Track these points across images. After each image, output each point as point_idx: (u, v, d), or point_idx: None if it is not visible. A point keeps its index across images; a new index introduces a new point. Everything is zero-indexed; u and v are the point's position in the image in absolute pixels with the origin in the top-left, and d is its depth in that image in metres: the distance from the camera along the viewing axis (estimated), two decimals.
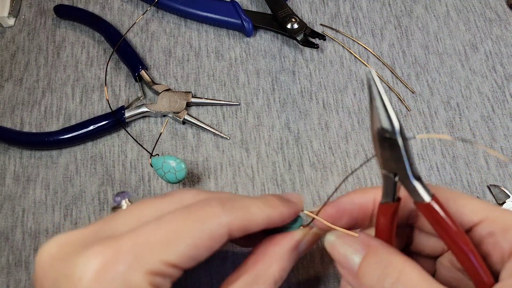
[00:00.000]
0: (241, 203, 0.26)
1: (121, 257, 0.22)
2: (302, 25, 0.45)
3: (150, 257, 0.22)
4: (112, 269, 0.21)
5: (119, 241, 0.22)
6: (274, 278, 0.26)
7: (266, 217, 0.26)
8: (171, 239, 0.23)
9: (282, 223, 0.28)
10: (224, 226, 0.24)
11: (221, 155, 0.41)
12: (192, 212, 0.24)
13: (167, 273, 0.23)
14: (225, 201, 0.25)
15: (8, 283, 0.35)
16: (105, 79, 0.44)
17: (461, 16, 0.49)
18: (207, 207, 0.25)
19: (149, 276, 0.22)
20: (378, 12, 0.49)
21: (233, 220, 0.25)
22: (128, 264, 0.22)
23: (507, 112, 0.44)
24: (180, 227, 0.23)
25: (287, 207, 0.28)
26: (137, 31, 0.46)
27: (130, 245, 0.22)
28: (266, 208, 0.27)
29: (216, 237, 0.24)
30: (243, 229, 0.25)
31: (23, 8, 0.47)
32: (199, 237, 0.24)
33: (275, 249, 0.27)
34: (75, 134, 0.40)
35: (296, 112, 0.43)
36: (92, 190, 0.39)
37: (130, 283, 0.21)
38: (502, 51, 0.47)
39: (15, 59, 0.44)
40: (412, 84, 0.45)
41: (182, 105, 0.42)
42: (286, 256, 0.27)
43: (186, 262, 0.23)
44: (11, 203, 0.38)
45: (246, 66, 0.45)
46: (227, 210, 0.25)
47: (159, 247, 0.23)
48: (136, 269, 0.22)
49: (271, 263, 0.27)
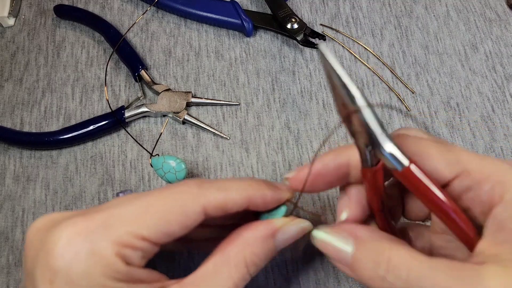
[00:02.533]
0: (220, 182, 0.26)
1: (92, 227, 0.23)
2: (302, 25, 0.45)
3: (119, 228, 0.23)
4: (82, 238, 0.22)
5: (93, 214, 0.24)
6: (245, 262, 0.25)
7: (246, 196, 0.26)
8: (141, 212, 0.24)
9: (264, 207, 0.27)
10: (198, 202, 0.25)
11: (221, 155, 0.41)
12: (167, 189, 0.25)
13: (138, 246, 0.23)
14: (204, 181, 0.26)
15: (8, 283, 0.35)
16: (105, 79, 0.44)
17: (461, 16, 0.49)
18: (183, 185, 0.25)
19: (116, 246, 0.23)
20: (378, 12, 0.49)
21: (209, 197, 0.25)
22: (97, 234, 0.23)
23: (507, 112, 0.44)
24: (152, 202, 0.24)
25: (271, 191, 0.27)
26: (137, 31, 0.46)
27: (102, 218, 0.23)
28: (247, 188, 0.26)
29: (189, 213, 0.24)
30: (220, 207, 0.25)
31: (23, 8, 0.47)
32: (170, 211, 0.24)
33: (249, 233, 0.26)
34: (75, 134, 0.40)
35: (296, 112, 0.43)
36: (92, 190, 0.39)
37: (97, 251, 0.22)
38: (502, 51, 0.47)
39: (15, 59, 0.45)
40: (412, 84, 0.45)
41: (182, 105, 0.42)
42: (259, 242, 0.26)
43: (157, 236, 0.24)
44: (11, 203, 0.38)
45: (246, 66, 0.45)
46: (204, 188, 0.25)
47: (129, 220, 0.23)
48: (104, 239, 0.23)
49: (243, 247, 0.26)
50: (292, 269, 0.36)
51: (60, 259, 0.22)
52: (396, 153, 0.22)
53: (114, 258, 0.22)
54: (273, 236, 0.27)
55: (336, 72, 0.20)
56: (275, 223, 0.27)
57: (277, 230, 0.27)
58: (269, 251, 0.26)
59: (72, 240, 0.22)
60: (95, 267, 0.22)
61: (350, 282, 0.36)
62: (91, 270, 0.22)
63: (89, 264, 0.22)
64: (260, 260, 0.26)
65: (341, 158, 0.27)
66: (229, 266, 0.25)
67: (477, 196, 0.23)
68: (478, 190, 0.23)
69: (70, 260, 0.22)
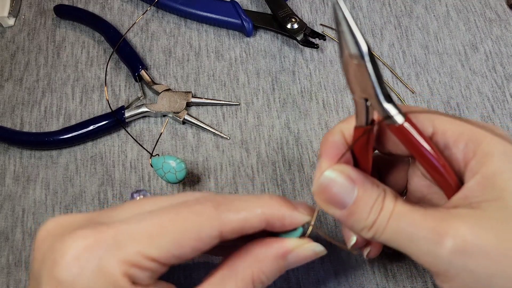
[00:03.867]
0: (238, 202, 0.25)
1: (102, 242, 0.22)
2: (302, 25, 0.45)
3: (129, 247, 0.23)
4: (91, 253, 0.22)
5: (104, 228, 0.23)
6: (252, 278, 0.25)
7: (264, 218, 0.25)
8: (153, 233, 0.23)
9: (281, 228, 0.26)
10: (215, 227, 0.24)
11: (221, 155, 0.41)
12: (183, 208, 0.24)
13: (146, 266, 0.23)
14: (221, 201, 0.25)
15: (8, 283, 0.35)
16: (105, 79, 0.44)
17: (461, 16, 0.49)
18: (199, 205, 0.24)
19: (124, 265, 0.22)
20: (378, 12, 0.49)
21: (226, 221, 0.24)
22: (106, 250, 0.22)
23: (507, 112, 0.44)
24: (166, 223, 0.23)
25: (290, 212, 0.26)
26: (137, 31, 0.46)
27: (113, 233, 0.23)
28: (266, 208, 0.26)
29: (203, 238, 0.24)
30: (237, 231, 0.25)
31: (23, 8, 0.47)
32: (184, 235, 0.23)
33: (260, 250, 0.26)
34: (75, 134, 0.40)
35: (296, 112, 0.43)
36: (92, 190, 0.39)
37: (104, 268, 0.22)
38: (502, 51, 0.47)
39: (15, 59, 0.45)
40: (412, 84, 0.45)
41: (182, 105, 0.42)
42: (269, 260, 0.26)
43: (167, 259, 0.23)
44: (11, 203, 0.38)
45: (246, 66, 0.45)
46: (221, 210, 0.24)
47: (140, 239, 0.23)
48: (113, 256, 0.22)
49: (251, 263, 0.25)
50: (292, 269, 0.36)
51: (66, 271, 0.22)
52: (392, 108, 0.23)
53: (120, 277, 0.22)
54: (284, 256, 0.26)
55: (347, 21, 0.20)
56: (289, 244, 0.26)
57: (290, 251, 0.26)
58: (277, 271, 0.26)
59: (80, 254, 0.22)
60: (100, 285, 0.22)
61: (350, 282, 0.36)
62: (95, 287, 0.22)
63: (95, 281, 0.22)
64: (267, 279, 0.26)
65: (336, 135, 0.27)
66: (235, 281, 0.25)
67: (453, 154, 0.25)
68: (454, 148, 0.25)
69: (76, 275, 0.22)
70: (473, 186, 0.24)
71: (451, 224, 0.22)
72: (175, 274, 0.35)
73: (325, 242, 0.29)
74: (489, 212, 0.22)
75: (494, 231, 0.22)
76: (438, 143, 0.26)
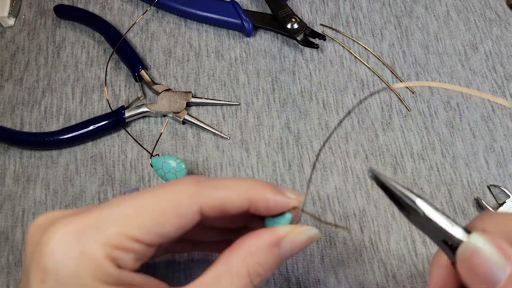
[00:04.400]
0: (219, 181, 0.25)
1: (84, 228, 0.22)
2: (302, 25, 0.45)
3: (109, 229, 0.22)
4: (73, 238, 0.22)
5: (86, 214, 0.23)
6: (248, 272, 0.24)
7: (246, 197, 0.25)
8: (132, 213, 0.23)
9: (267, 211, 0.26)
10: (194, 202, 0.24)
11: (221, 155, 0.41)
12: (162, 188, 0.24)
13: (130, 247, 0.23)
14: (202, 179, 0.25)
15: (8, 283, 0.35)
16: (105, 79, 0.44)
17: (461, 16, 0.49)
18: (179, 184, 0.24)
19: (107, 248, 0.22)
20: (378, 12, 0.49)
21: (206, 196, 0.24)
22: (87, 235, 0.22)
23: (507, 112, 0.44)
24: (145, 202, 0.23)
25: (275, 195, 0.26)
26: (137, 31, 0.46)
27: (94, 218, 0.23)
28: (248, 188, 0.25)
29: (184, 213, 0.23)
30: (218, 208, 0.24)
31: (23, 8, 0.47)
32: (164, 212, 0.23)
33: (252, 241, 0.25)
34: (75, 134, 0.40)
35: (296, 112, 0.43)
36: (92, 190, 0.39)
37: (86, 252, 0.22)
38: (502, 51, 0.47)
39: (15, 59, 0.45)
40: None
41: (182, 105, 0.42)
42: (263, 251, 0.25)
43: (150, 238, 0.23)
44: (11, 203, 0.38)
45: (246, 66, 0.45)
46: (201, 186, 0.24)
47: (119, 220, 0.23)
48: (94, 240, 0.22)
49: (245, 255, 0.24)
50: (292, 269, 0.36)
51: (50, 259, 0.22)
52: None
53: (103, 260, 0.22)
54: (278, 245, 0.25)
55: (396, 187, 0.22)
56: (280, 231, 0.25)
57: (282, 238, 0.25)
58: (274, 261, 0.25)
59: (62, 240, 0.22)
60: (84, 269, 0.22)
61: (350, 282, 0.36)
62: (79, 271, 0.22)
63: (78, 266, 0.22)
64: (264, 270, 0.25)
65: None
66: (230, 276, 0.24)
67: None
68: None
69: (59, 261, 0.22)
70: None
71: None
72: (175, 274, 0.35)
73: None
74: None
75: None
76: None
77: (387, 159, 0.41)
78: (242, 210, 0.25)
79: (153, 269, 0.35)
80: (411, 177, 0.40)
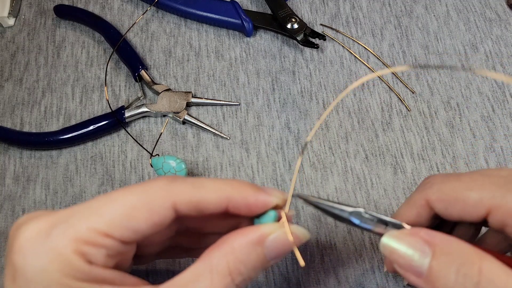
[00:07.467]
0: (196, 180, 0.25)
1: (55, 224, 0.22)
2: (302, 25, 0.45)
3: (78, 223, 0.22)
4: (42, 235, 0.22)
5: (59, 211, 0.23)
6: (229, 270, 0.23)
7: (223, 196, 0.24)
8: (102, 207, 0.23)
9: (247, 210, 0.25)
10: (166, 198, 0.23)
11: (221, 155, 0.41)
12: (136, 185, 0.24)
13: (100, 243, 0.22)
14: (178, 177, 0.25)
15: None
16: (105, 79, 0.44)
17: (461, 16, 0.49)
18: (154, 181, 0.24)
19: (76, 243, 0.22)
20: (378, 12, 0.49)
21: (179, 193, 0.24)
22: (56, 230, 0.22)
23: (507, 112, 0.44)
24: (116, 197, 0.23)
25: (255, 193, 0.25)
26: (137, 31, 0.46)
27: (65, 214, 0.23)
28: (226, 187, 0.24)
29: (156, 209, 0.23)
30: (192, 205, 0.24)
31: (23, 8, 0.47)
32: (134, 206, 0.23)
33: (235, 239, 0.24)
34: (75, 134, 0.40)
35: (296, 112, 0.43)
36: (92, 190, 0.39)
37: (55, 248, 0.22)
38: (502, 51, 0.47)
39: (15, 59, 0.45)
40: (412, 84, 0.45)
41: (182, 105, 0.42)
42: (245, 248, 0.24)
43: (121, 233, 0.23)
44: (11, 203, 0.38)
45: (246, 66, 0.45)
46: (175, 183, 0.24)
47: (89, 215, 0.23)
48: (63, 235, 0.22)
49: (226, 253, 0.23)
50: (292, 269, 0.36)
51: (19, 255, 0.22)
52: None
53: (73, 255, 0.22)
54: (261, 243, 0.24)
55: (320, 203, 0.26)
56: (264, 228, 0.24)
57: (265, 236, 0.24)
58: (257, 260, 0.24)
59: (31, 236, 0.22)
60: (52, 265, 0.21)
61: (350, 282, 0.36)
62: (48, 267, 0.21)
63: (47, 261, 0.21)
64: (246, 269, 0.24)
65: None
66: (210, 274, 0.23)
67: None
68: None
69: (27, 257, 0.22)
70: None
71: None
72: (169, 275, 0.35)
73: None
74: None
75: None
76: (496, 221, 0.24)
77: (387, 159, 0.41)
78: (220, 209, 0.25)
79: (153, 269, 0.35)
80: (411, 177, 0.40)
